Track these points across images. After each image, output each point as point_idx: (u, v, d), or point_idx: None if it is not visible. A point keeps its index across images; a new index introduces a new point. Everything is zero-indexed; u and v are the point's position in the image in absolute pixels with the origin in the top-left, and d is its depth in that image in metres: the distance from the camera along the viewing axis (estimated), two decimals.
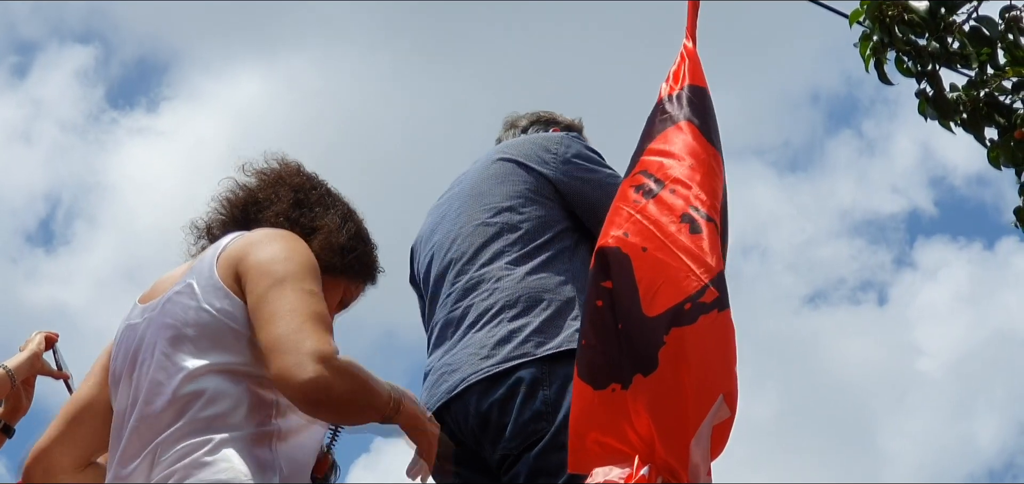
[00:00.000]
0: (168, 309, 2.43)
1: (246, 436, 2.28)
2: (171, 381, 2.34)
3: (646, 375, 2.78)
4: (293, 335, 2.24)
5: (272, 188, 2.69)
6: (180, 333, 2.38)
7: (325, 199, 2.71)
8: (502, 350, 3.18)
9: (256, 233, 2.49)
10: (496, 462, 3.18)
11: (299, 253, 2.42)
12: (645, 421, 2.78)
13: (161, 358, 2.38)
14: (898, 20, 4.62)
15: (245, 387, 2.33)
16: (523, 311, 3.22)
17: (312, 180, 2.74)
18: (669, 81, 3.17)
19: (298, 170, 2.75)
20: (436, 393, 3.26)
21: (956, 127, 4.65)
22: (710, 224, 2.87)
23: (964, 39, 4.65)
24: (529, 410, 3.11)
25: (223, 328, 2.36)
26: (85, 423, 2.60)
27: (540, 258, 3.31)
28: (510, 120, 3.83)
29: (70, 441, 2.60)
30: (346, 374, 2.25)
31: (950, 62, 4.68)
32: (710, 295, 2.79)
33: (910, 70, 4.71)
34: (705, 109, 3.10)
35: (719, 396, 2.78)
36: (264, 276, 2.35)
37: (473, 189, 3.47)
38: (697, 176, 2.96)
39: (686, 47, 3.23)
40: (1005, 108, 4.67)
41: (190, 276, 2.45)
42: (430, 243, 3.53)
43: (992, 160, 4.69)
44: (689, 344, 2.77)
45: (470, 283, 3.32)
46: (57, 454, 2.60)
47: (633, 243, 2.89)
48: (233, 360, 2.34)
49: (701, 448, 2.78)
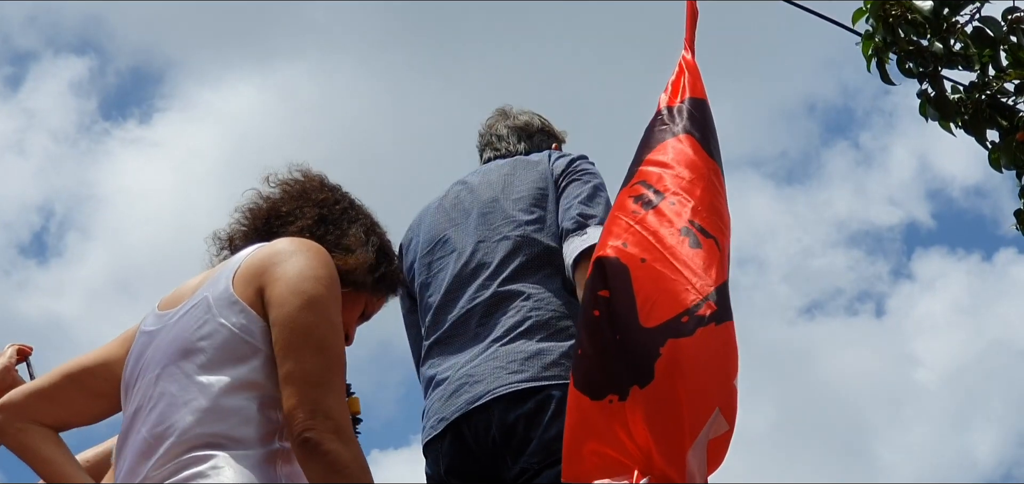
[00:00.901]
0: (183, 322, 2.42)
1: (252, 455, 2.27)
2: (181, 394, 2.33)
3: (643, 386, 2.79)
4: (315, 389, 2.26)
5: (296, 201, 2.67)
6: (194, 346, 2.36)
7: (349, 212, 2.69)
8: (532, 367, 3.19)
9: (278, 245, 2.46)
10: (514, 475, 3.18)
11: (324, 267, 2.40)
12: (643, 432, 2.78)
13: (173, 370, 2.36)
14: (901, 20, 4.61)
15: (255, 406, 2.31)
16: (553, 331, 3.24)
17: (335, 193, 2.72)
18: (668, 92, 3.17)
19: (322, 184, 2.72)
20: (456, 403, 3.26)
21: (957, 129, 4.65)
22: (709, 241, 2.87)
23: (967, 40, 4.63)
24: (556, 427, 3.10)
25: (238, 343, 2.34)
26: (85, 386, 2.56)
27: (562, 277, 3.32)
28: (504, 111, 3.83)
29: (57, 398, 2.55)
30: (354, 456, 2.25)
31: (952, 63, 4.66)
32: (708, 308, 2.79)
33: (912, 71, 4.70)
34: (705, 122, 3.10)
35: (715, 409, 2.78)
36: (293, 295, 2.33)
37: (494, 199, 3.48)
38: (697, 190, 2.96)
39: (685, 59, 3.23)
40: (1007, 109, 4.65)
41: (206, 290, 2.43)
42: (439, 248, 3.52)
43: (993, 162, 4.67)
44: (685, 356, 2.78)
45: (495, 296, 3.33)
46: (37, 404, 2.54)
47: (631, 254, 2.88)
48: (245, 377, 2.32)
49: (697, 460, 2.79)
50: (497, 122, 3.81)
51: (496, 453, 3.21)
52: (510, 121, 3.79)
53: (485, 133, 3.82)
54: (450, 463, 3.28)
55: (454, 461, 3.28)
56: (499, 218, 3.43)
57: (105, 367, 2.57)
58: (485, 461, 3.24)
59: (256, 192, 2.72)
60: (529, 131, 3.77)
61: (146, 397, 2.39)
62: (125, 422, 2.44)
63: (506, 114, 3.82)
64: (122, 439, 2.43)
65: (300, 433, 2.23)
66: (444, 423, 3.28)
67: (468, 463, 3.26)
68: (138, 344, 2.50)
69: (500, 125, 3.79)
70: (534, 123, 3.79)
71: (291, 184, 2.71)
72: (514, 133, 3.76)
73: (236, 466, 2.25)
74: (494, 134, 3.78)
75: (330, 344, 2.33)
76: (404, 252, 3.66)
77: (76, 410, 2.58)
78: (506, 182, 3.51)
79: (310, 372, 2.28)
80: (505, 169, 3.57)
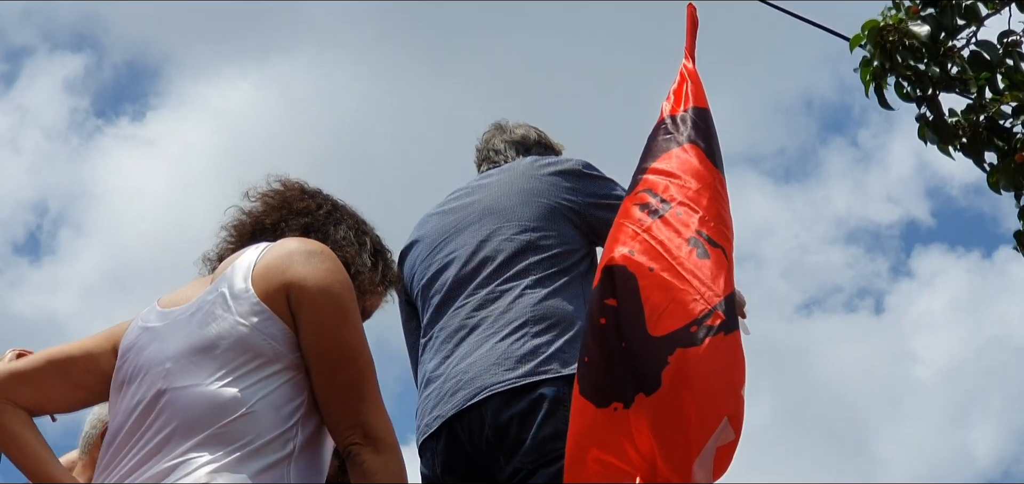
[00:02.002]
0: (198, 317, 2.39)
1: (263, 455, 2.26)
2: (192, 391, 2.31)
3: (649, 394, 2.78)
4: (350, 403, 2.34)
5: (278, 213, 2.66)
6: (208, 344, 2.34)
7: (333, 215, 2.70)
8: (527, 364, 3.20)
9: (289, 245, 2.45)
10: (507, 475, 3.18)
11: (341, 270, 2.43)
12: (647, 440, 2.78)
13: (186, 365, 2.34)
14: (899, 46, 4.65)
15: (270, 405, 2.30)
16: (547, 330, 3.25)
17: (317, 199, 2.71)
18: (671, 101, 3.18)
19: (301, 191, 2.72)
20: (450, 401, 3.26)
21: (955, 152, 4.68)
22: (717, 250, 2.87)
23: (964, 64, 4.68)
24: (550, 427, 3.12)
25: (256, 343, 2.32)
26: (66, 374, 2.53)
27: (562, 281, 3.34)
28: (500, 125, 3.86)
29: (37, 382, 2.52)
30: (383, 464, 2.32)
31: (950, 87, 4.70)
32: (716, 318, 2.78)
33: (910, 95, 4.74)
34: (709, 131, 3.11)
35: (724, 418, 2.77)
36: (321, 305, 2.36)
37: (495, 204, 3.49)
38: (703, 199, 2.96)
39: (686, 67, 3.24)
40: (1005, 132, 4.69)
41: (222, 284, 2.41)
42: (441, 250, 3.53)
43: (992, 185, 4.70)
44: (693, 365, 2.77)
45: (491, 295, 3.34)
46: (14, 385, 2.51)
47: (639, 262, 2.88)
48: (261, 378, 2.31)
49: (704, 469, 2.78)
50: (494, 136, 3.83)
51: (490, 453, 3.21)
52: (507, 135, 3.81)
53: (482, 148, 3.84)
54: (445, 462, 3.29)
55: (449, 460, 3.28)
56: (500, 221, 3.45)
57: (90, 359, 2.55)
58: (479, 460, 3.24)
59: (237, 209, 2.70)
60: (526, 144, 3.79)
61: (151, 392, 2.36)
62: (121, 416, 2.40)
63: (502, 128, 3.84)
64: (114, 432, 2.39)
65: (343, 448, 2.33)
66: (439, 421, 3.28)
67: (463, 462, 3.27)
68: (139, 340, 2.46)
69: (497, 139, 3.81)
70: (531, 136, 3.81)
71: (271, 196, 2.70)
72: (511, 147, 3.77)
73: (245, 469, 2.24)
74: (491, 148, 3.80)
75: (360, 352, 2.38)
76: (404, 259, 3.67)
77: (53, 397, 2.55)
78: (507, 187, 3.53)
79: (344, 386, 2.35)
80: (505, 175, 3.59)
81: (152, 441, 2.30)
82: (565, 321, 3.26)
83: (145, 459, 2.29)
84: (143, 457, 2.30)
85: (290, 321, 2.35)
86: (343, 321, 2.37)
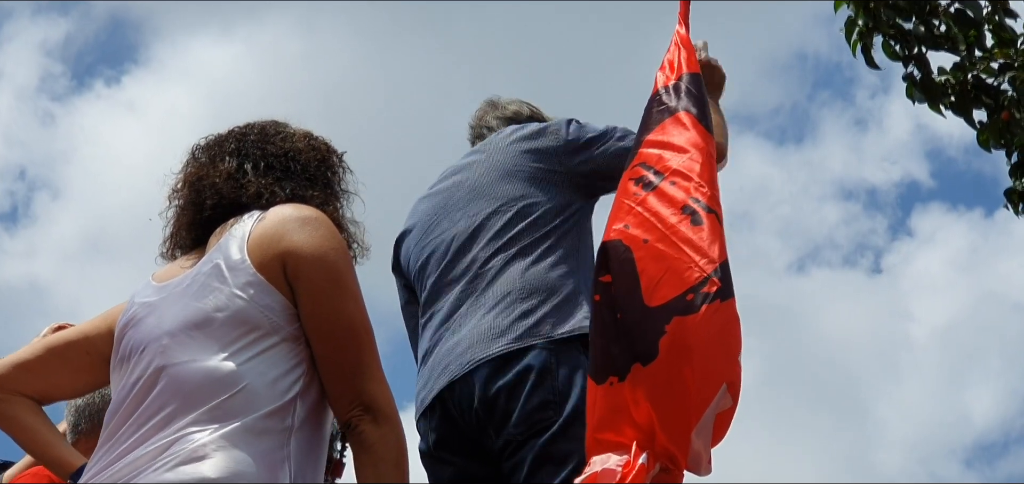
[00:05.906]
0: (193, 289, 2.37)
1: (262, 429, 2.24)
2: (189, 364, 2.29)
3: (645, 364, 2.78)
4: (351, 377, 2.33)
5: (214, 165, 2.52)
6: (205, 317, 2.32)
7: (274, 139, 2.57)
8: (512, 334, 3.22)
9: (285, 210, 2.40)
10: (499, 447, 3.20)
11: (337, 236, 2.40)
12: (645, 410, 2.77)
13: (183, 338, 2.32)
14: (883, 4, 4.63)
15: (268, 379, 2.28)
16: (533, 297, 3.26)
17: (247, 131, 2.59)
18: (665, 70, 3.18)
19: (223, 136, 2.59)
20: (443, 377, 3.29)
21: (945, 110, 4.67)
22: (711, 215, 2.87)
23: (949, 22, 4.66)
24: (537, 398, 3.14)
25: (253, 316, 2.30)
26: (66, 360, 2.58)
27: (547, 245, 3.35)
28: (492, 101, 3.86)
29: (39, 371, 2.58)
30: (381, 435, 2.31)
31: (936, 45, 4.69)
32: (712, 285, 2.78)
33: (897, 54, 4.73)
34: (701, 97, 3.11)
35: (722, 385, 2.78)
36: (321, 269, 2.33)
37: (477, 182, 3.51)
38: (697, 166, 2.96)
39: (679, 33, 3.24)
40: (992, 90, 4.68)
41: (216, 255, 2.38)
42: (432, 233, 3.54)
43: (982, 142, 4.70)
44: (691, 333, 2.77)
45: (479, 270, 3.36)
46: (19, 375, 2.57)
47: (634, 235, 2.89)
48: (259, 350, 2.29)
49: (703, 437, 2.78)
50: (486, 113, 3.83)
51: (480, 427, 3.23)
52: (499, 111, 3.81)
53: (475, 125, 3.84)
54: (439, 436, 3.33)
55: (442, 434, 3.32)
56: (483, 197, 3.47)
57: (88, 342, 2.59)
58: (471, 434, 3.26)
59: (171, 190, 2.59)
60: (519, 120, 3.78)
61: (150, 368, 2.33)
62: (122, 392, 2.37)
63: (495, 105, 3.84)
64: (115, 408, 2.37)
65: (342, 422, 2.32)
66: (432, 395, 3.32)
67: (456, 436, 3.30)
68: (136, 315, 2.44)
69: (490, 116, 3.81)
70: (523, 111, 3.81)
71: (194, 163, 2.58)
72: (504, 123, 3.76)
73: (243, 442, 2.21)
74: (484, 125, 3.80)
75: (358, 322, 2.36)
76: (400, 246, 3.68)
77: (57, 383, 2.62)
78: (487, 164, 3.53)
79: (343, 357, 2.33)
80: (485, 152, 3.59)
81: (153, 418, 2.28)
82: (551, 286, 3.27)
83: (146, 436, 2.27)
84: (144, 434, 2.28)
85: (287, 292, 2.33)
86: (340, 291, 2.35)
